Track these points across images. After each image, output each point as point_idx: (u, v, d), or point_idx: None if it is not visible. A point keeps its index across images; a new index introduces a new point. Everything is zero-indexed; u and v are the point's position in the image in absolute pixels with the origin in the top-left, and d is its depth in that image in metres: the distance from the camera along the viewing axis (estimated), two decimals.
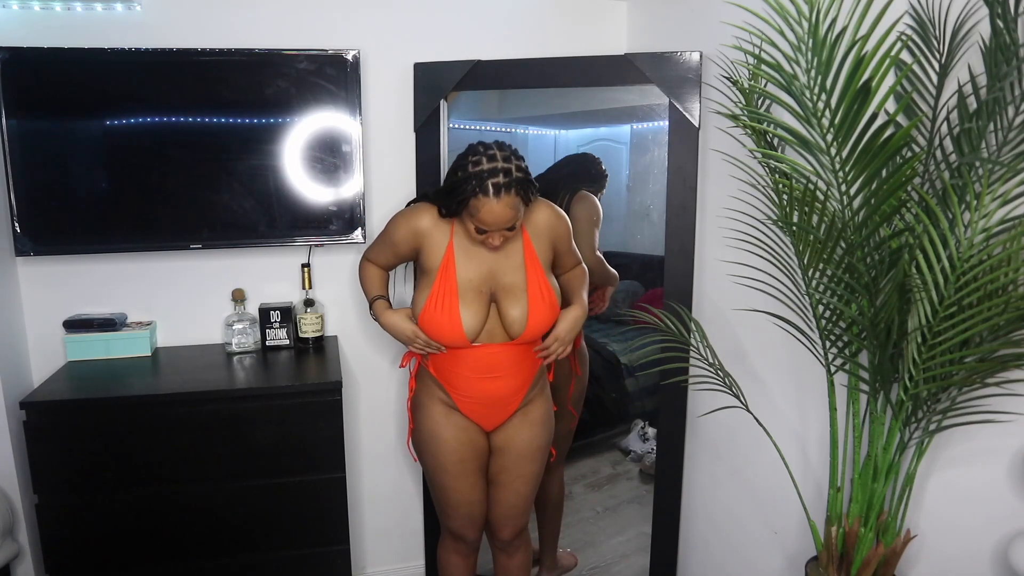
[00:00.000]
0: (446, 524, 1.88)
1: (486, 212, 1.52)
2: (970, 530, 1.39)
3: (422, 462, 1.85)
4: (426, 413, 1.77)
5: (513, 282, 1.66)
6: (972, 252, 1.15)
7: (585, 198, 2.17)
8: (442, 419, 1.76)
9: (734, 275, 1.75)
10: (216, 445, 1.84)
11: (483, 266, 1.65)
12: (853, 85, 1.12)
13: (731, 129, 1.77)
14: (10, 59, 1.85)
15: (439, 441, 1.76)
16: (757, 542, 1.94)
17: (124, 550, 1.85)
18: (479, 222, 1.54)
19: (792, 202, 1.36)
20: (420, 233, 1.66)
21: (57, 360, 2.08)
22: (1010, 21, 1.12)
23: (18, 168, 1.90)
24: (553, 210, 1.72)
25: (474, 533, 1.87)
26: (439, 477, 1.80)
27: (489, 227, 1.55)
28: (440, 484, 1.81)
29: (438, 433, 1.76)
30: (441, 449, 1.76)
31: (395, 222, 1.71)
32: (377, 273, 1.82)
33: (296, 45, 2.05)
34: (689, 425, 2.09)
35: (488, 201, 1.50)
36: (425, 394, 1.78)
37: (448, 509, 1.83)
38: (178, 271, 2.16)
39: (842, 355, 1.43)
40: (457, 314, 1.62)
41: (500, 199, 1.50)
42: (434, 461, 1.79)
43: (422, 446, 1.81)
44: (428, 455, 1.80)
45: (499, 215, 1.52)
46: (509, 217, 1.53)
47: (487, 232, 1.57)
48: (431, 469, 1.82)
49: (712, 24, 1.83)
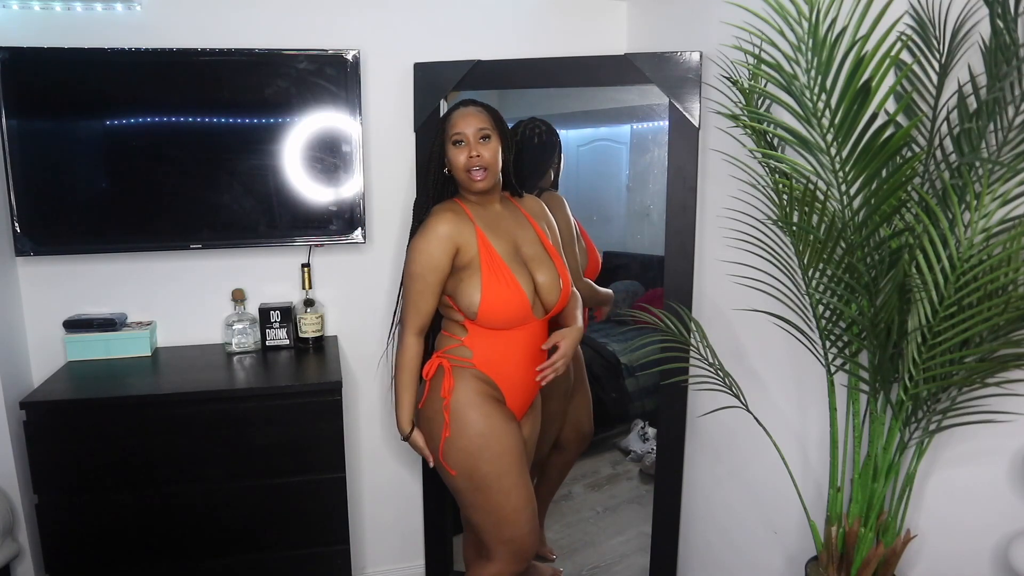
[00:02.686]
0: (506, 541, 1.67)
1: (457, 116, 1.65)
2: (970, 530, 1.39)
3: (469, 471, 1.64)
4: (477, 413, 1.64)
5: (535, 252, 1.71)
6: (972, 252, 1.15)
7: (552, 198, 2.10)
8: (496, 416, 1.65)
9: (734, 275, 1.75)
10: (216, 445, 1.84)
11: (508, 237, 1.69)
12: (853, 85, 1.12)
13: (731, 129, 1.77)
14: (10, 59, 1.85)
15: (500, 440, 1.63)
16: (757, 542, 1.94)
17: (124, 550, 1.85)
18: (452, 128, 1.64)
19: (792, 202, 1.36)
20: (449, 234, 1.60)
21: (57, 360, 2.08)
22: (1010, 21, 1.12)
23: (18, 168, 1.90)
24: (540, 202, 1.85)
25: (536, 545, 1.72)
26: (500, 482, 1.63)
27: (464, 132, 1.63)
28: (500, 490, 1.64)
29: (495, 432, 1.63)
30: (505, 449, 1.63)
31: (423, 249, 1.61)
32: (413, 376, 1.69)
33: (296, 45, 2.05)
34: (689, 425, 2.09)
35: (457, 110, 1.67)
36: (471, 393, 1.65)
37: (511, 519, 1.65)
38: (178, 271, 2.16)
39: (842, 355, 1.43)
40: (517, 283, 1.63)
41: (468, 107, 1.66)
42: (493, 465, 1.63)
43: (473, 452, 1.63)
44: (484, 461, 1.63)
45: (470, 116, 1.64)
46: (480, 119, 1.64)
47: (464, 144, 1.63)
48: (486, 476, 1.63)
49: (712, 24, 1.83)
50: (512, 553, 1.69)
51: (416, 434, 1.72)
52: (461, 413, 1.64)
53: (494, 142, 1.65)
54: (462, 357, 1.68)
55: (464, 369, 1.67)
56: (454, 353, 1.68)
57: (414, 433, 1.72)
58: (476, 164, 1.63)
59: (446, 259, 1.61)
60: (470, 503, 1.69)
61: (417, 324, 1.66)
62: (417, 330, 1.67)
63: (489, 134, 1.64)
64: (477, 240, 1.64)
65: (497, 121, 1.67)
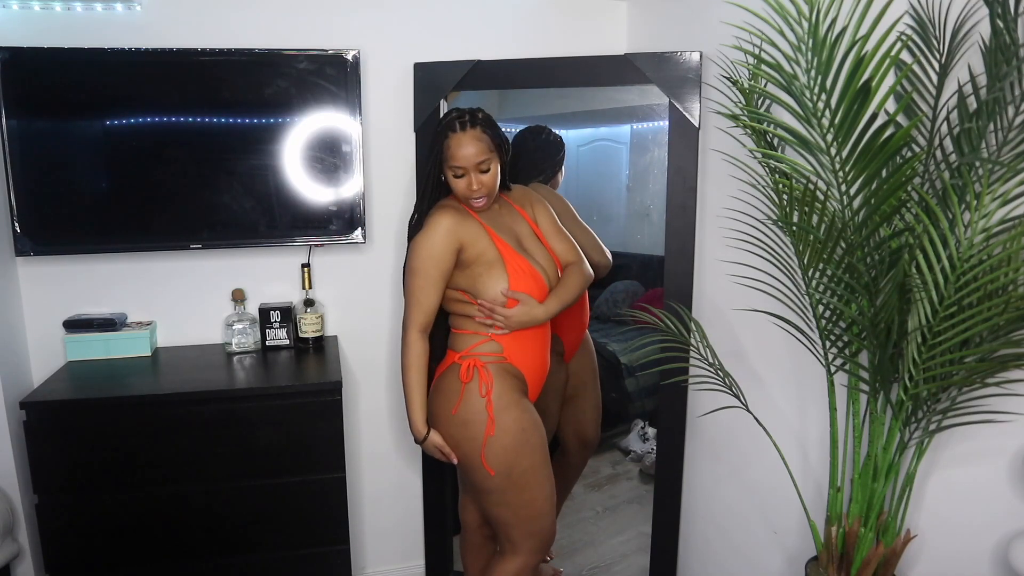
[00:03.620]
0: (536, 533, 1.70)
1: (455, 145, 1.60)
2: (970, 530, 1.39)
3: (509, 468, 1.64)
4: (518, 410, 1.65)
5: (533, 242, 1.75)
6: (972, 252, 1.15)
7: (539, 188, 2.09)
8: (529, 410, 1.68)
9: (734, 275, 1.75)
10: (216, 445, 1.84)
11: (510, 232, 1.72)
12: (853, 85, 1.12)
13: (731, 129, 1.77)
14: (10, 59, 1.85)
15: (536, 434, 1.66)
16: (757, 542, 1.94)
17: (124, 550, 1.85)
18: (452, 160, 1.61)
19: (792, 202, 1.36)
20: (451, 229, 1.62)
21: (57, 360, 2.08)
22: (1010, 21, 1.12)
23: (18, 168, 1.90)
24: (525, 188, 1.87)
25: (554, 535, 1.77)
26: (536, 475, 1.66)
27: (462, 164, 1.60)
28: (536, 484, 1.66)
29: (533, 427, 1.67)
30: (539, 443, 1.67)
31: (424, 244, 1.62)
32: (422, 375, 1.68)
33: (296, 45, 2.05)
34: (689, 425, 2.09)
35: (455, 136, 1.61)
36: (508, 390, 1.66)
37: (543, 511, 1.69)
38: (178, 271, 2.16)
39: (842, 355, 1.43)
40: (535, 269, 1.68)
41: (466, 132, 1.60)
42: (531, 460, 1.65)
43: (515, 448, 1.64)
44: (523, 456, 1.65)
45: (468, 146, 1.60)
46: (478, 149, 1.60)
47: (464, 176, 1.61)
48: (524, 472, 1.65)
49: (712, 24, 1.83)
50: (539, 545, 1.72)
51: (434, 435, 1.69)
52: (503, 410, 1.64)
53: (494, 168, 1.65)
54: (493, 353, 1.67)
55: (497, 365, 1.67)
56: (483, 349, 1.67)
57: (431, 435, 1.70)
58: (477, 194, 1.64)
59: (449, 254, 1.62)
60: (503, 500, 1.67)
61: (421, 321, 1.66)
62: (421, 327, 1.66)
63: (489, 165, 1.63)
64: (487, 234, 1.66)
65: (495, 140, 1.64)
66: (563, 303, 1.72)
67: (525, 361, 1.71)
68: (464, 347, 1.69)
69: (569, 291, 1.74)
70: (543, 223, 1.81)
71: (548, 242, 1.79)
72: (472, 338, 1.69)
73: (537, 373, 1.76)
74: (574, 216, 2.06)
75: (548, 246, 1.78)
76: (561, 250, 1.79)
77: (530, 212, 1.81)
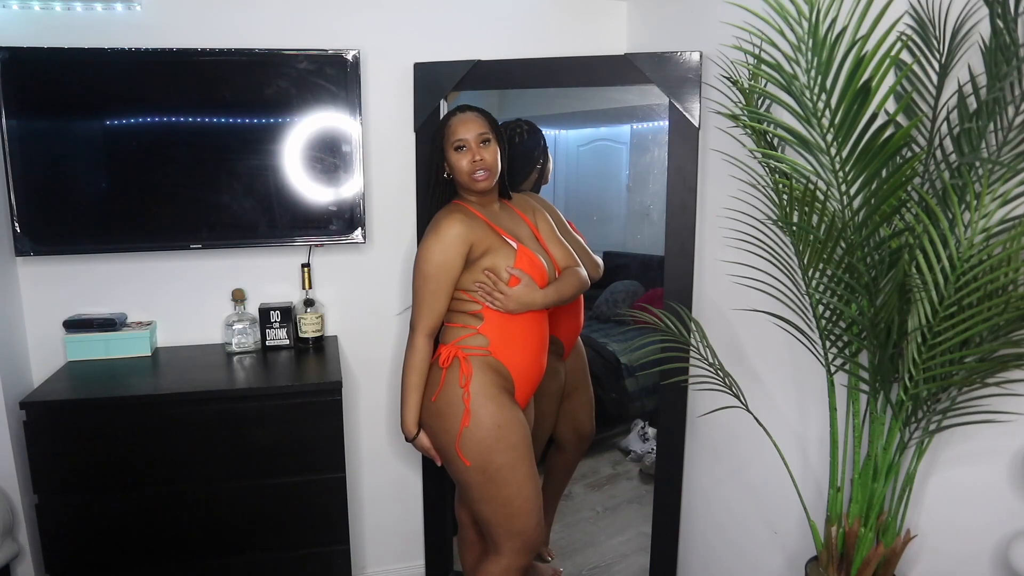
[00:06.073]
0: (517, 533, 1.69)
1: (456, 122, 1.69)
2: (970, 530, 1.39)
3: (484, 462, 1.65)
4: (495, 404, 1.65)
5: (534, 246, 1.78)
6: (972, 252, 1.15)
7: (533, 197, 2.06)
8: (510, 407, 1.68)
9: (734, 275, 1.75)
10: (216, 445, 1.84)
11: (513, 232, 1.75)
12: (853, 85, 1.12)
13: (731, 129, 1.77)
14: (10, 59, 1.85)
15: (514, 431, 1.66)
16: (757, 542, 1.94)
17: (124, 550, 1.85)
18: (454, 136, 1.68)
19: (792, 202, 1.36)
20: (461, 234, 1.63)
21: (57, 360, 2.08)
22: (1010, 21, 1.12)
23: (18, 168, 1.90)
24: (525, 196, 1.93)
25: (542, 538, 1.76)
26: (514, 474, 1.65)
27: (463, 135, 1.67)
28: (514, 481, 1.66)
29: (511, 423, 1.65)
30: (519, 441, 1.66)
31: (437, 250, 1.63)
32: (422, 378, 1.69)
33: (296, 45, 2.05)
34: (689, 425, 2.09)
35: (456, 116, 1.71)
36: (487, 384, 1.66)
37: (523, 510, 1.68)
38: (178, 271, 2.16)
39: (842, 355, 1.43)
40: (537, 256, 1.72)
41: (465, 113, 1.71)
42: (507, 456, 1.65)
43: (490, 443, 1.64)
44: (499, 452, 1.64)
45: (469, 123, 1.69)
46: (480, 124, 1.69)
47: (466, 149, 1.67)
48: (500, 468, 1.65)
49: (712, 24, 1.83)
50: (521, 545, 1.71)
51: (422, 435, 1.73)
52: (480, 403, 1.65)
53: (494, 145, 1.71)
54: (478, 346, 1.69)
55: (479, 359, 1.68)
56: (469, 343, 1.69)
57: (420, 435, 1.73)
58: (479, 167, 1.67)
59: (459, 260, 1.64)
60: (481, 496, 1.68)
61: (428, 325, 1.67)
62: (428, 332, 1.68)
63: (489, 138, 1.70)
64: (493, 230, 1.70)
65: (494, 125, 1.73)
66: (560, 296, 1.74)
67: (513, 359, 1.71)
68: (452, 339, 1.72)
69: (567, 287, 1.76)
70: (543, 228, 1.85)
71: (547, 247, 1.81)
72: (461, 330, 1.71)
73: (527, 374, 1.75)
74: (566, 226, 2.06)
75: (547, 250, 1.81)
76: (559, 255, 1.81)
77: (531, 217, 1.85)
